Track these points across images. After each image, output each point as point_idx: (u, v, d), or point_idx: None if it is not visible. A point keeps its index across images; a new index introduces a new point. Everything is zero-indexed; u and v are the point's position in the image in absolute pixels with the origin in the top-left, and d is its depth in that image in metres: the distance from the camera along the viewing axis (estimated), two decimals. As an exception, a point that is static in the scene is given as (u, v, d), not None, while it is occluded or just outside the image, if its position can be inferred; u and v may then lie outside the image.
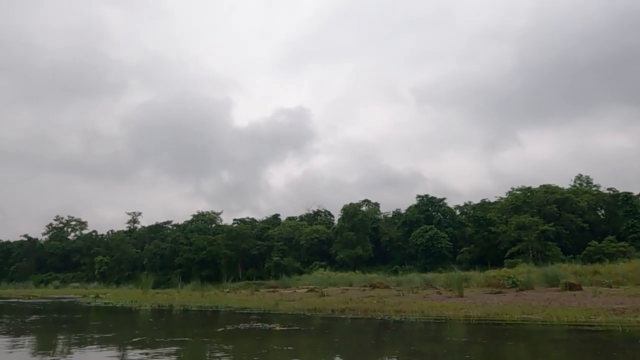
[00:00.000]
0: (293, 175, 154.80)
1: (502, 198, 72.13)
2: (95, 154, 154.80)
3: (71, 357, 7.30)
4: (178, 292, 30.13)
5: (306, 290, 23.91)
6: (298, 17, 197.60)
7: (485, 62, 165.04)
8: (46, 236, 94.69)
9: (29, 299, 28.45)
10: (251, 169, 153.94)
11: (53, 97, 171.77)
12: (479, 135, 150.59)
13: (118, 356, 7.31)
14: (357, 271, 55.37)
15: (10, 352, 7.62)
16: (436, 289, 20.41)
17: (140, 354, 7.20)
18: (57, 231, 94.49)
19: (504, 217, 66.02)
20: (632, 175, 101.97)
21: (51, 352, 7.94)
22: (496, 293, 15.42)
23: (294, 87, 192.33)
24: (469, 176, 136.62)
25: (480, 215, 64.73)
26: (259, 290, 27.35)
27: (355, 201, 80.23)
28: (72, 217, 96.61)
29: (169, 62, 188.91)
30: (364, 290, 22.28)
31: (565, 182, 70.78)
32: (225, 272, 72.63)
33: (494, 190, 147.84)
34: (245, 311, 14.47)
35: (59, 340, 9.59)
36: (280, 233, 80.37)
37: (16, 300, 27.35)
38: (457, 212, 75.39)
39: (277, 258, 74.28)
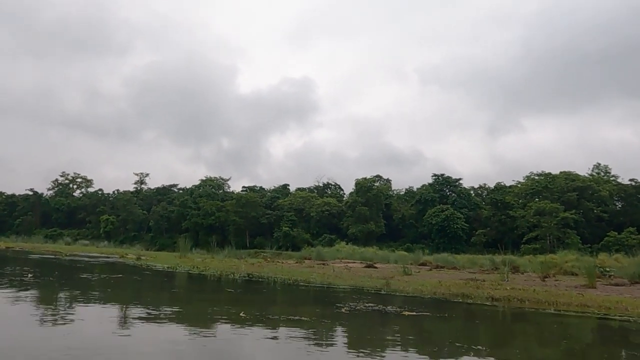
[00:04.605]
0: (294, 146, 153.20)
1: (519, 182, 71.48)
2: (99, 112, 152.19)
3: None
4: (212, 258, 29.40)
5: (363, 265, 23.14)
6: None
7: (492, 46, 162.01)
8: (51, 192, 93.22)
9: (66, 255, 27.54)
10: (252, 136, 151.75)
11: (59, 52, 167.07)
12: (482, 119, 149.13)
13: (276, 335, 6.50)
14: (373, 247, 55.07)
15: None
16: (522, 273, 19.59)
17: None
18: (63, 187, 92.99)
19: (521, 201, 65.62)
20: (636, 170, 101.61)
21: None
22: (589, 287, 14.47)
23: (301, 60, 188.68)
24: (470, 159, 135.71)
25: (499, 198, 64.11)
26: (303, 262, 26.57)
27: (358, 176, 79.43)
28: (78, 174, 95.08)
29: (177, 25, 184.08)
30: (432, 270, 21.42)
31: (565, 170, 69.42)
32: (233, 239, 72.20)
33: (493, 175, 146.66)
34: (337, 287, 13.65)
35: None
36: (290, 203, 79.61)
37: (54, 257, 26.47)
38: (472, 194, 74.77)
39: (287, 228, 73.75)
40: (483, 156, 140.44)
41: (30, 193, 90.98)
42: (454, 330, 8.07)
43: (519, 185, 70.62)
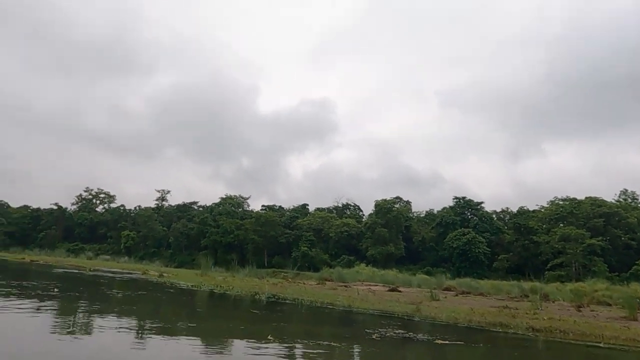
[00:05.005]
0: (313, 166, 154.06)
1: (542, 207, 70.11)
2: (122, 129, 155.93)
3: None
4: (233, 276, 29.27)
5: (386, 288, 22.74)
6: (332, 10, 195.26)
7: (514, 69, 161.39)
8: (75, 206, 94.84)
9: (90, 270, 27.76)
10: (271, 156, 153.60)
11: (87, 71, 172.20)
12: (502, 142, 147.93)
13: None
14: (393, 269, 54.28)
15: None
16: (553, 301, 18.97)
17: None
18: (86, 202, 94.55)
19: (545, 227, 64.24)
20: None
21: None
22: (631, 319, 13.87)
23: (321, 80, 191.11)
24: (489, 182, 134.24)
25: (522, 222, 62.86)
26: (324, 283, 26.24)
27: (376, 197, 79.00)
28: (101, 190, 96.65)
29: (200, 46, 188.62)
30: (458, 295, 20.92)
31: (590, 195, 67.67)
32: (251, 258, 72.00)
33: (513, 199, 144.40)
34: (365, 311, 13.36)
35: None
36: (309, 223, 79.41)
37: (77, 271, 26.70)
38: (494, 217, 73.52)
39: (305, 248, 73.39)
40: (503, 180, 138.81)
41: (55, 207, 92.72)
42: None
43: (542, 210, 69.25)
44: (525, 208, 72.99)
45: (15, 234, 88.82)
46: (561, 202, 66.23)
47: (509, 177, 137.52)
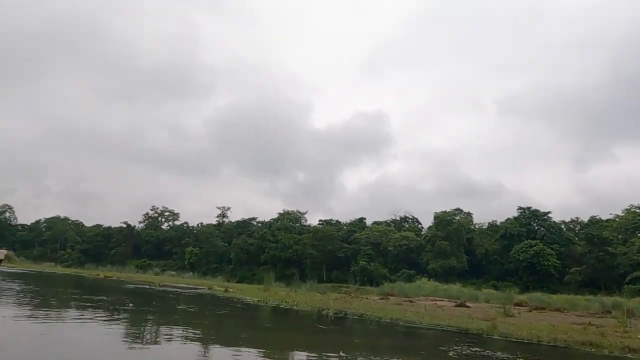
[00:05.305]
0: (368, 180, 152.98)
1: (617, 216, 65.50)
2: (182, 149, 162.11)
3: None
4: (295, 292, 29.40)
5: (453, 303, 21.96)
6: (383, 23, 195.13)
7: (577, 73, 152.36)
8: (142, 224, 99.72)
9: (159, 286, 28.91)
10: (327, 170, 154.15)
11: (148, 96, 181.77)
12: (567, 149, 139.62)
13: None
14: (456, 283, 52.48)
15: None
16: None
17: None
18: (152, 220, 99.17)
19: (621, 237, 59.99)
20: None
21: None
22: None
23: (374, 93, 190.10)
24: (555, 191, 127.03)
25: (595, 233, 59.03)
26: (388, 298, 25.76)
27: (433, 209, 77.02)
28: (166, 208, 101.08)
29: (254, 66, 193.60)
30: (532, 311, 19.81)
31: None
32: (310, 273, 72.23)
33: (582, 208, 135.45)
34: (436, 328, 12.91)
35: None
36: (367, 237, 78.71)
37: (148, 286, 27.87)
38: (563, 228, 69.58)
39: (364, 262, 72.74)
40: (570, 188, 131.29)
41: (124, 226, 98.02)
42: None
43: (617, 220, 64.64)
44: (597, 217, 68.58)
45: (89, 251, 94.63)
46: (638, 210, 61.60)
47: (577, 185, 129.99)
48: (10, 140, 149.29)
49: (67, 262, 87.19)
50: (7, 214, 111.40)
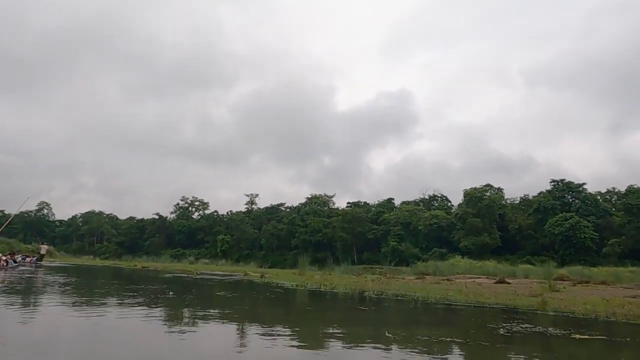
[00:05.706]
0: (395, 160, 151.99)
1: (657, 184, 63.22)
2: (210, 139, 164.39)
3: None
4: (330, 274, 29.46)
5: (492, 280, 21.62)
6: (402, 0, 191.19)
7: (607, 37, 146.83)
8: (174, 215, 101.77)
9: (196, 274, 29.45)
10: (353, 153, 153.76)
11: (176, 88, 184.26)
12: (601, 117, 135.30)
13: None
14: (491, 260, 51.80)
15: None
16: None
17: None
18: (183, 210, 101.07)
19: (662, 205, 57.91)
20: None
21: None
22: None
23: (398, 72, 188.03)
24: (590, 162, 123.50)
25: (634, 202, 57.14)
26: (424, 278, 25.58)
27: (463, 186, 75.88)
28: (196, 198, 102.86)
29: (277, 53, 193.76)
30: (576, 285, 19.28)
31: None
32: (341, 255, 72.53)
33: (620, 177, 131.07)
34: (482, 305, 12.69)
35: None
36: (396, 217, 78.34)
37: (186, 275, 28.41)
38: (599, 199, 67.57)
39: (395, 243, 72.53)
40: (605, 157, 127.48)
41: (157, 217, 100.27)
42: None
43: (657, 188, 62.44)
44: (634, 186, 66.20)
45: (124, 243, 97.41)
46: (680, 177, 59.26)
47: (612, 154, 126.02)
48: (46, 140, 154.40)
49: (105, 254, 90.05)
50: (45, 211, 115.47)
